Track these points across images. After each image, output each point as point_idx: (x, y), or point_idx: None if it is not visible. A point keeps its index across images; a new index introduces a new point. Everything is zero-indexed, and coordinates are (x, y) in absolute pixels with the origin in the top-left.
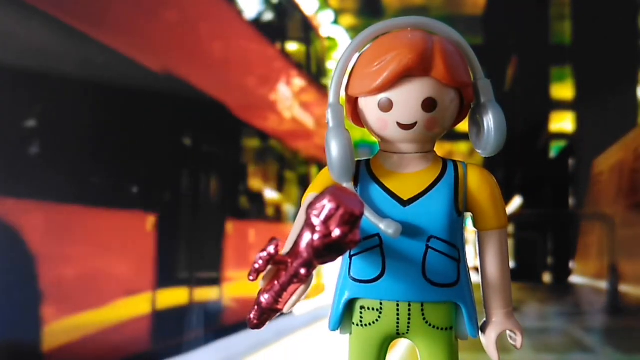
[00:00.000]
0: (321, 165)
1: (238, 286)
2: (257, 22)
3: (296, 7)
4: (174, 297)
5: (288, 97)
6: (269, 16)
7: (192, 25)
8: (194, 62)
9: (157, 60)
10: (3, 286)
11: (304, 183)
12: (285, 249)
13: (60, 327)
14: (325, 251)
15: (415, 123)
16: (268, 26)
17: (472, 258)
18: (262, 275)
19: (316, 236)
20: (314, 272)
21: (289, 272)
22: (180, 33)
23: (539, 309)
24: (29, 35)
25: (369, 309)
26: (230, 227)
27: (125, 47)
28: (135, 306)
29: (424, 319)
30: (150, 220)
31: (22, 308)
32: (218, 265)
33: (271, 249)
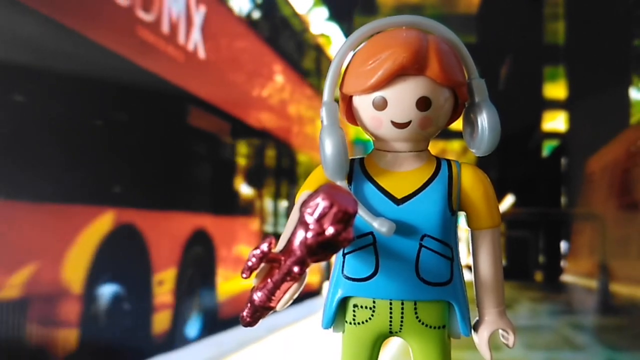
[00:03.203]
0: None
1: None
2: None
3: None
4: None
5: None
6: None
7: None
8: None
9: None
10: None
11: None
12: (278, 246)
13: None
14: (319, 249)
15: (410, 122)
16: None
17: (465, 257)
18: (255, 272)
19: (309, 234)
20: (307, 270)
21: (282, 270)
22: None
23: (531, 307)
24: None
25: (362, 307)
26: None
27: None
28: None
29: (417, 317)
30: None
31: None
32: None
33: (264, 246)
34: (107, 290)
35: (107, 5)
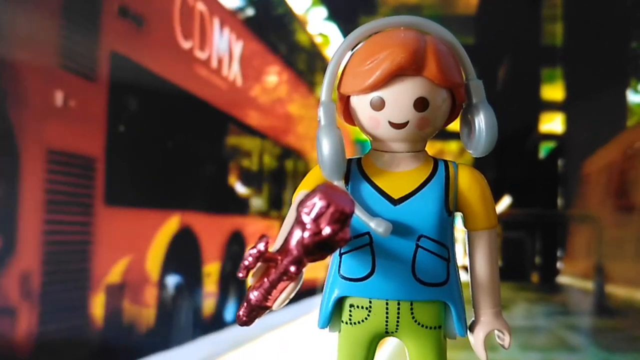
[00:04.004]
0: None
1: None
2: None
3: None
4: None
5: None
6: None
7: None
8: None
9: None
10: None
11: None
12: (275, 246)
13: None
14: (316, 249)
15: (407, 122)
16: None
17: (461, 257)
18: (251, 272)
19: (306, 234)
20: (304, 270)
21: (278, 270)
22: None
23: (527, 308)
24: None
25: (358, 307)
26: None
27: None
28: None
29: (413, 317)
30: None
31: None
32: None
33: (261, 246)
34: (172, 280)
35: (176, 49)
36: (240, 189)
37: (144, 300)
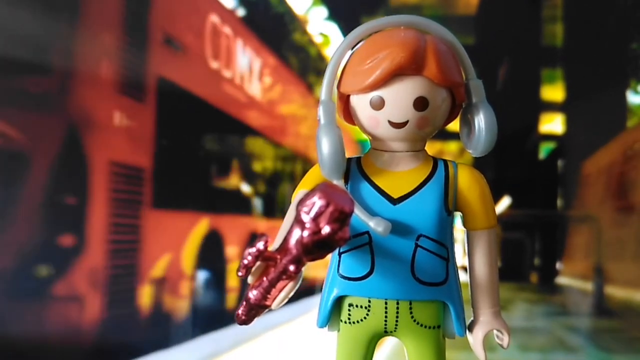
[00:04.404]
0: None
1: None
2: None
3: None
4: None
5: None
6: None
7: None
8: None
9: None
10: None
11: None
12: (274, 245)
13: None
14: (315, 248)
15: (407, 122)
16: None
17: (460, 257)
18: (251, 271)
19: (306, 233)
20: (303, 269)
21: (277, 269)
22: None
23: (526, 308)
24: None
25: (357, 306)
26: None
27: None
28: None
29: (412, 317)
30: None
31: None
32: None
33: (260, 245)
34: (202, 276)
35: (206, 69)
36: (259, 192)
37: (180, 292)
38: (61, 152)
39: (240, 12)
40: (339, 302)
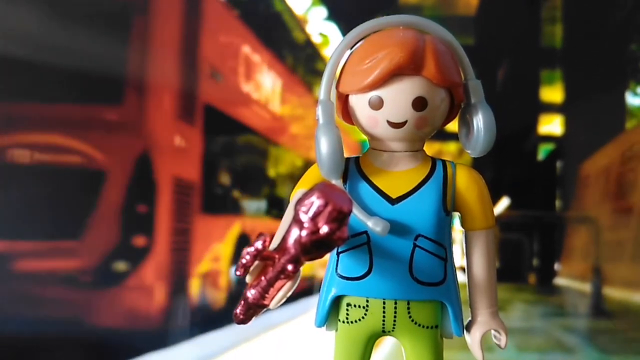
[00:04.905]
0: None
1: None
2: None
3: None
4: None
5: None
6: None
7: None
8: None
9: None
10: None
11: None
12: (273, 244)
13: None
14: (313, 248)
15: (406, 122)
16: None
17: (459, 257)
18: (249, 270)
19: (304, 232)
20: (301, 269)
21: (276, 268)
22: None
23: (524, 309)
24: None
25: (355, 306)
26: None
27: None
28: None
29: (410, 317)
30: None
31: None
32: None
33: (259, 244)
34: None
35: (239, 93)
36: (277, 196)
37: (219, 285)
38: (135, 170)
39: (264, 40)
40: (337, 301)
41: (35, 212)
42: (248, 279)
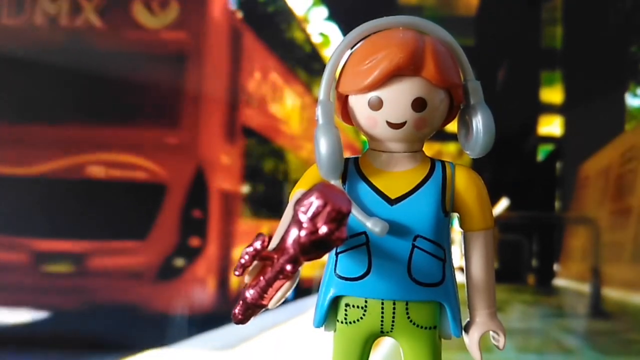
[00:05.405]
0: None
1: None
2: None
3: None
4: None
5: None
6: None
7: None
8: None
9: None
10: None
11: None
12: (271, 244)
13: None
14: (312, 248)
15: (405, 122)
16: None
17: (457, 258)
18: (247, 270)
19: (303, 233)
20: (300, 269)
21: (274, 268)
22: None
23: (523, 310)
24: None
25: (353, 306)
26: None
27: None
28: None
29: (408, 317)
30: None
31: None
32: None
33: (257, 244)
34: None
35: (267, 114)
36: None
37: None
38: (192, 183)
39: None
40: (335, 302)
41: (109, 218)
42: (246, 279)
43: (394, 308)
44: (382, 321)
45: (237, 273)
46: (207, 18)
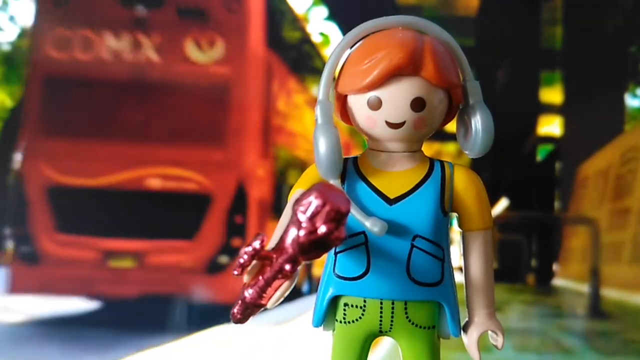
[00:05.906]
0: None
1: None
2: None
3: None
4: None
5: None
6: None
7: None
8: None
9: None
10: None
11: None
12: (270, 244)
13: None
14: (311, 248)
15: (404, 122)
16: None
17: (456, 258)
18: (247, 270)
19: (302, 232)
20: (299, 268)
21: (273, 268)
22: None
23: (522, 310)
24: None
25: (352, 306)
26: None
27: None
28: None
29: (407, 317)
30: None
31: None
32: None
33: (256, 244)
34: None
35: (291, 134)
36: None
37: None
38: (235, 194)
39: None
40: (334, 301)
41: (164, 222)
42: (246, 278)
43: (392, 308)
44: (380, 321)
45: (236, 273)
46: (248, 54)
